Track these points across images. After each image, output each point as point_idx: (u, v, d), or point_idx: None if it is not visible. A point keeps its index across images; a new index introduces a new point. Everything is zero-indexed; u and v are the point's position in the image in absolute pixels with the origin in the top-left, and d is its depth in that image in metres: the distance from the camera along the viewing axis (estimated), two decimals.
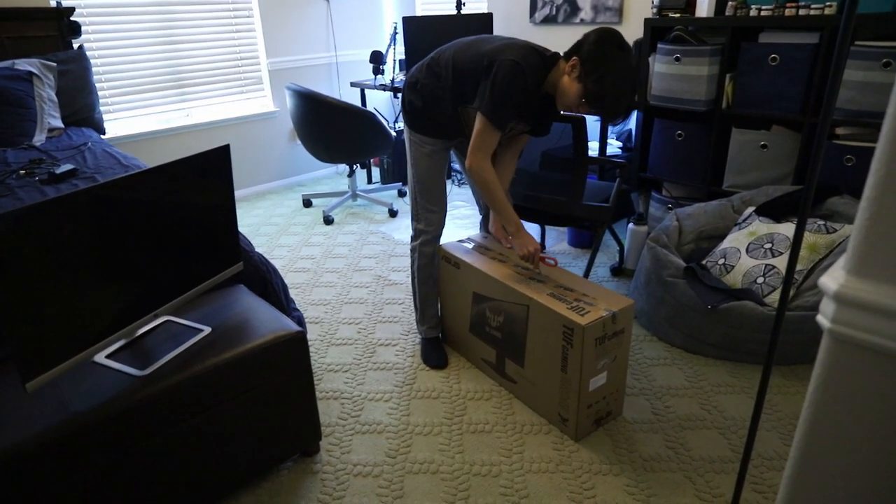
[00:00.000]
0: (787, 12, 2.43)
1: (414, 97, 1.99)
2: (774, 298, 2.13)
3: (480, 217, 2.40)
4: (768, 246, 2.23)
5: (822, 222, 2.21)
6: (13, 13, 2.92)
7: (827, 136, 1.84)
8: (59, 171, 2.14)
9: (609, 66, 1.65)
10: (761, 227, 2.32)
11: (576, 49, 1.72)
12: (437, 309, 2.25)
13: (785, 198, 2.36)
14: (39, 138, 2.72)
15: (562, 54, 1.79)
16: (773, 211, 2.37)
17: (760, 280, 2.18)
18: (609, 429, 1.83)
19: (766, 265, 2.19)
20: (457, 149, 2.22)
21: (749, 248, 2.28)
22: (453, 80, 1.89)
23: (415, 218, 2.12)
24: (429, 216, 2.10)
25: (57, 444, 1.21)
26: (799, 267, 2.17)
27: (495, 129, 1.79)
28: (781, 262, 2.17)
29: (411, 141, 2.04)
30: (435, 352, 2.21)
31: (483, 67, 1.79)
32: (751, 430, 1.16)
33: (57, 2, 3.11)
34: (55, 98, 2.92)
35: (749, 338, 2.07)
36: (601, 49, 1.66)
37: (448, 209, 3.66)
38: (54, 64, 2.97)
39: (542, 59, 1.78)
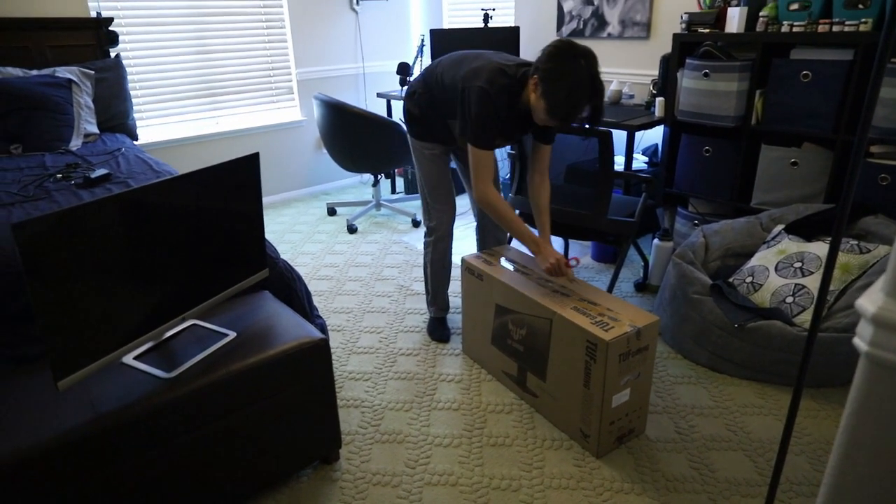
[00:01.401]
0: (821, 28, 2.39)
1: (411, 106, 2.14)
2: (804, 319, 2.08)
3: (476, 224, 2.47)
4: (798, 265, 2.19)
5: (855, 242, 2.16)
6: (56, 23, 3.03)
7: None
8: (93, 175, 2.19)
9: (562, 78, 1.69)
10: (791, 245, 2.27)
11: (535, 68, 1.78)
12: (446, 294, 2.45)
13: (816, 216, 2.32)
14: (76, 143, 2.80)
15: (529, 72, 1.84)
16: (803, 229, 2.32)
17: (790, 300, 2.13)
18: (631, 447, 1.80)
19: (796, 284, 2.15)
20: (456, 155, 2.33)
21: (778, 267, 2.23)
22: (441, 95, 2.02)
23: (426, 217, 2.30)
24: (439, 214, 2.25)
25: (85, 442, 1.23)
26: (831, 287, 2.12)
27: (484, 153, 1.90)
28: (812, 282, 2.13)
29: (414, 146, 2.20)
30: (440, 328, 2.43)
31: (458, 91, 1.90)
32: (780, 452, 1.13)
33: (97, 12, 3.22)
34: (92, 105, 3.01)
35: (777, 358, 2.03)
36: (552, 63, 1.71)
37: (467, 218, 3.67)
38: (92, 72, 3.06)
39: (511, 80, 1.85)
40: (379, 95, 4.32)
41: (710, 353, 2.16)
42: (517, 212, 2.61)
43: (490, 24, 3.98)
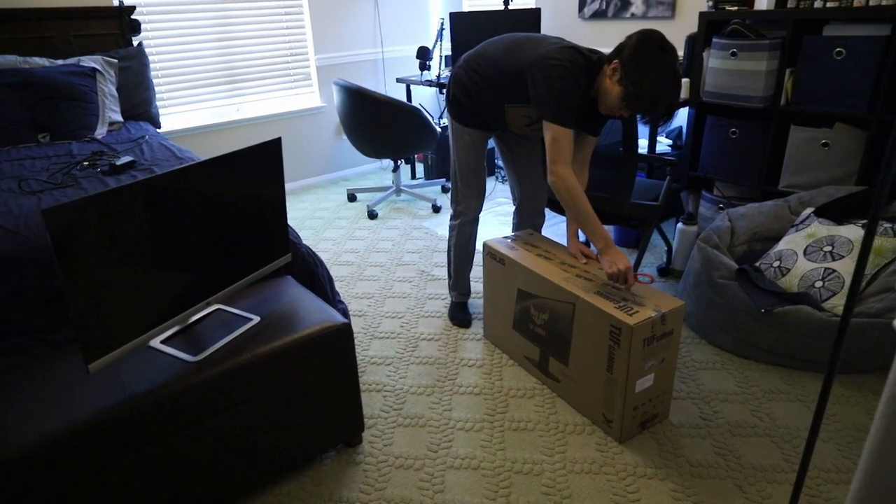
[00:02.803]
0: (857, 3, 2.30)
1: (456, 89, 2.09)
2: (834, 304, 2.03)
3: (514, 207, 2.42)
4: (828, 249, 2.13)
5: (888, 225, 2.09)
6: (79, 12, 3.06)
7: None
8: (119, 162, 2.22)
9: (649, 68, 1.66)
10: (821, 228, 2.21)
11: (617, 52, 1.74)
12: (468, 278, 2.44)
13: (847, 198, 2.25)
14: (101, 131, 2.84)
15: (605, 58, 1.80)
16: (833, 212, 2.26)
17: (819, 284, 2.08)
18: (654, 432, 1.79)
19: (826, 269, 2.10)
20: (500, 139, 2.27)
21: (807, 251, 2.18)
22: (497, 78, 1.96)
23: (454, 200, 2.28)
24: (468, 200, 2.24)
25: (116, 423, 1.26)
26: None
27: (564, 132, 1.79)
28: (842, 266, 2.07)
29: (453, 129, 2.17)
30: (461, 313, 2.43)
31: (531, 71, 1.83)
32: (809, 439, 1.11)
33: (119, 0, 3.24)
34: (116, 93, 3.05)
35: (805, 344, 1.99)
36: (641, 51, 1.67)
37: (489, 203, 3.64)
38: (115, 60, 3.09)
39: (589, 62, 1.80)
40: (398, 80, 4.30)
41: (735, 339, 2.13)
42: None
43: (510, 6, 3.92)
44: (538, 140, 2.25)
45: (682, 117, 3.38)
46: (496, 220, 3.51)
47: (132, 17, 3.26)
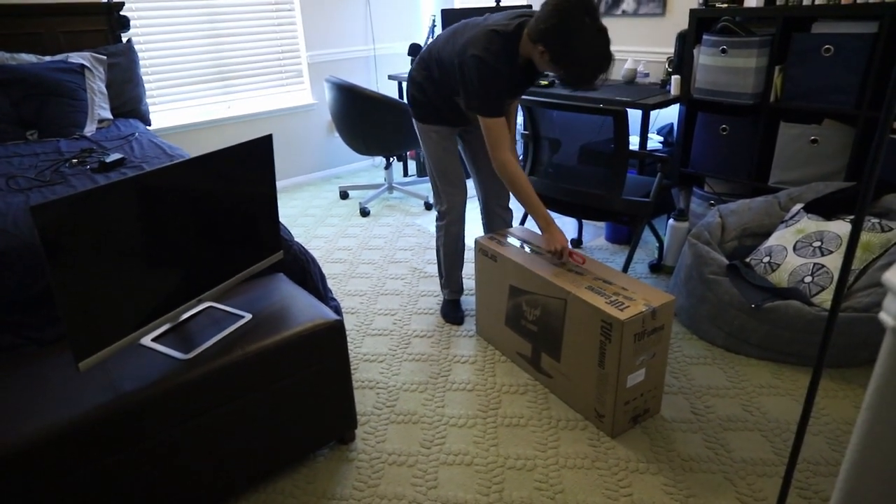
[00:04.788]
0: (844, 1, 2.32)
1: (414, 89, 2.12)
2: (823, 298, 2.05)
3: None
4: (817, 244, 2.15)
5: (876, 220, 2.11)
6: (68, 8, 3.03)
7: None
8: (108, 160, 2.21)
9: (578, 46, 1.67)
10: (810, 224, 2.23)
11: (540, 34, 1.70)
12: (459, 276, 2.43)
13: (836, 194, 2.27)
14: (90, 129, 2.81)
15: (525, 29, 1.80)
16: (822, 208, 2.28)
17: (808, 279, 2.10)
18: (646, 427, 1.80)
19: (815, 264, 2.11)
20: (461, 138, 2.30)
21: (796, 247, 2.20)
22: (440, 74, 2.01)
23: (437, 201, 2.27)
24: (450, 197, 2.22)
25: (107, 421, 1.25)
26: (852, 266, 2.08)
27: (496, 122, 1.87)
28: (831, 262, 2.09)
29: (420, 129, 2.18)
30: (454, 311, 2.42)
31: (456, 66, 1.89)
32: (798, 432, 1.12)
33: None
34: (105, 90, 3.02)
35: (795, 339, 2.01)
36: (562, 37, 1.66)
37: (473, 202, 3.65)
38: (104, 57, 3.06)
39: (505, 37, 1.81)
40: (390, 77, 4.29)
41: (726, 334, 2.14)
42: None
43: (502, 3, 3.92)
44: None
45: (672, 114, 3.40)
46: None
47: (121, 13, 3.23)
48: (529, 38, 1.77)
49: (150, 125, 3.32)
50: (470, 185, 3.76)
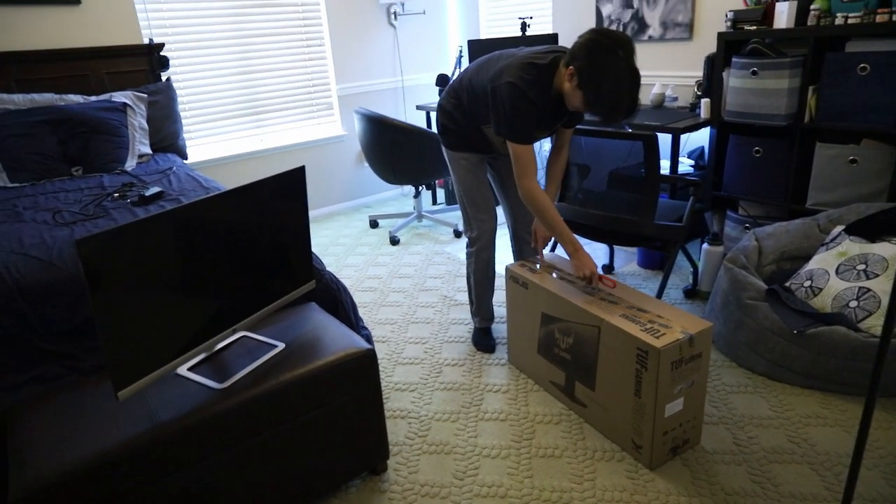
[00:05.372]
0: (879, 18, 2.28)
1: (443, 118, 2.15)
2: (871, 324, 1.97)
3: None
4: (861, 267, 2.08)
5: None
6: (112, 51, 3.18)
7: None
8: (148, 193, 2.28)
9: (604, 73, 1.67)
10: (853, 247, 2.16)
11: (572, 56, 1.75)
12: (490, 303, 2.42)
13: (880, 215, 2.20)
14: (131, 164, 2.92)
15: (561, 57, 1.83)
16: (865, 230, 2.21)
17: (853, 304, 2.02)
18: (686, 458, 1.73)
19: (860, 288, 2.04)
20: (490, 165, 2.31)
21: (839, 270, 2.12)
22: (470, 103, 2.03)
23: (467, 227, 2.28)
24: (480, 224, 2.23)
25: (144, 451, 1.26)
26: None
27: (525, 148, 1.89)
28: (877, 285, 2.01)
29: (450, 157, 2.20)
30: (485, 338, 2.40)
31: (489, 93, 1.91)
32: (853, 466, 1.07)
33: (149, 38, 3.36)
34: (146, 126, 3.14)
35: (841, 366, 1.92)
36: (593, 55, 1.69)
37: (503, 229, 3.64)
38: (145, 95, 3.19)
39: (540, 69, 1.83)
40: (418, 108, 4.36)
41: (767, 361, 2.07)
42: None
43: (528, 33, 3.97)
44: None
45: (703, 137, 3.36)
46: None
47: (161, 53, 3.38)
48: (563, 64, 1.79)
49: (186, 159, 3.43)
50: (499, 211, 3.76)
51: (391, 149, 3.43)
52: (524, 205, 2.28)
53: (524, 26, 3.91)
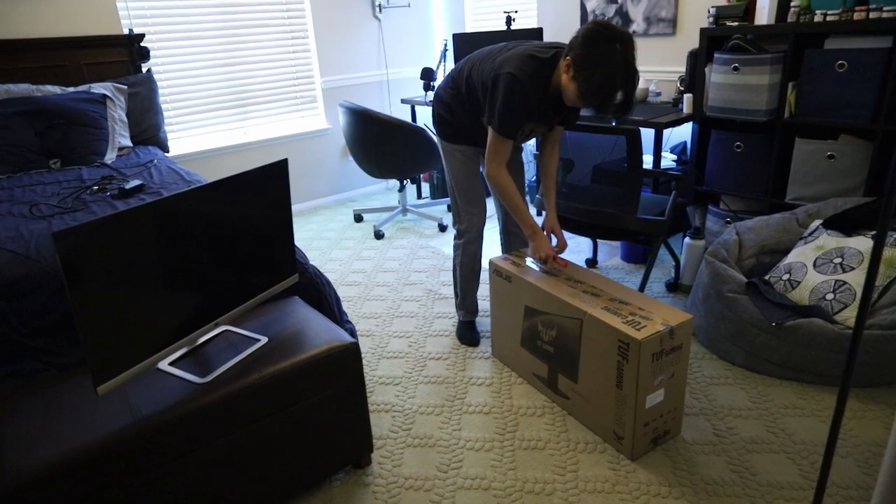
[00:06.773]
0: (857, 16, 2.32)
1: (440, 108, 2.15)
2: (846, 316, 2.01)
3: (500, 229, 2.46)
4: (838, 261, 2.12)
5: None
6: (91, 41, 3.13)
7: None
8: (128, 186, 2.25)
9: (598, 63, 1.67)
10: (830, 240, 2.20)
11: (570, 47, 1.76)
12: (475, 297, 2.43)
13: (856, 210, 2.24)
14: (111, 156, 2.88)
15: (561, 52, 1.83)
16: (842, 224, 2.25)
17: (830, 296, 2.06)
18: (667, 449, 1.76)
19: (837, 281, 2.08)
20: (483, 156, 2.27)
21: (817, 263, 2.16)
22: (468, 94, 2.03)
23: (456, 219, 2.27)
24: (470, 217, 2.24)
25: (125, 446, 1.25)
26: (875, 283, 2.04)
27: (504, 140, 1.91)
28: (853, 278, 2.05)
29: (444, 148, 2.20)
30: (469, 332, 2.41)
31: (489, 80, 1.91)
32: (826, 455, 1.09)
33: (129, 29, 3.31)
34: (125, 119, 3.09)
35: (818, 358, 1.96)
36: (589, 46, 1.69)
37: (491, 222, 3.64)
38: (125, 87, 3.14)
39: (542, 63, 1.83)
40: (403, 101, 4.34)
41: (746, 353, 2.10)
42: (542, 213, 2.58)
43: (512, 27, 3.97)
44: (517, 160, 2.31)
45: (686, 132, 3.39)
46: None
47: (142, 44, 3.33)
48: (563, 55, 1.78)
49: (168, 152, 3.38)
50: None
51: (376, 143, 3.42)
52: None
53: (509, 20, 3.91)
